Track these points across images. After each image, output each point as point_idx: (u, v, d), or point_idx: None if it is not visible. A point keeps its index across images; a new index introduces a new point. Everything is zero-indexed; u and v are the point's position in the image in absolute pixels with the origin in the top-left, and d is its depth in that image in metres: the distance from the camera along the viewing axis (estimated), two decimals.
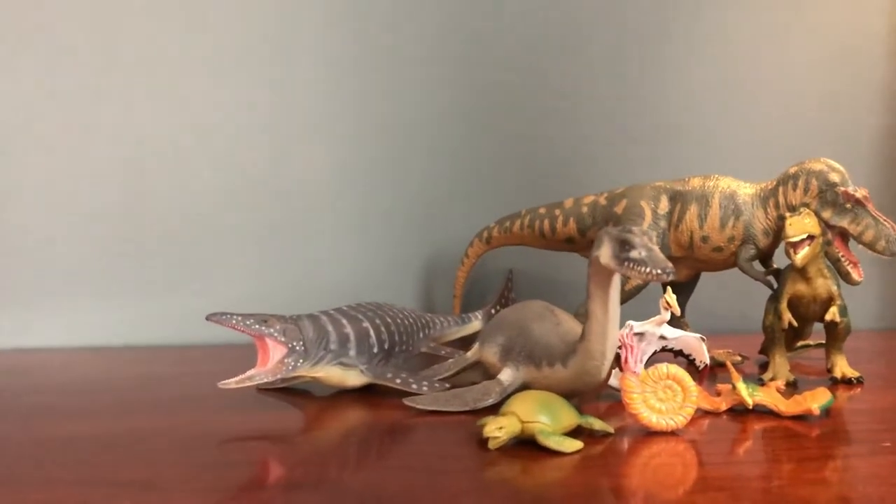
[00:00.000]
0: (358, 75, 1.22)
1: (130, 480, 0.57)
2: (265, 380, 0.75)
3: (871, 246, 0.85)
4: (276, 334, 0.76)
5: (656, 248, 0.65)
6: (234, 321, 0.75)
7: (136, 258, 1.17)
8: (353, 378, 0.82)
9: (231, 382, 0.74)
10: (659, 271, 0.63)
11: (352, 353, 0.81)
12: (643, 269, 0.64)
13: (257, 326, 0.76)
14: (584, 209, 1.04)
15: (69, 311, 1.15)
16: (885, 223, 0.85)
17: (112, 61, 1.16)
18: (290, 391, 0.85)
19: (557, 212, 1.06)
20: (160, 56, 1.17)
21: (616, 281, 0.69)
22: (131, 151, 1.17)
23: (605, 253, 0.67)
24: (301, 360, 0.77)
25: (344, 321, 0.83)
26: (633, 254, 0.65)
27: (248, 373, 0.75)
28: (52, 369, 1.00)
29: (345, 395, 0.83)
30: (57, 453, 0.64)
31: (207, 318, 0.75)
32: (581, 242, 1.05)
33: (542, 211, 1.08)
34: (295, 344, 0.77)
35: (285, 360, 0.76)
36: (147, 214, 1.17)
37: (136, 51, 1.16)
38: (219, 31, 1.18)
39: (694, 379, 0.71)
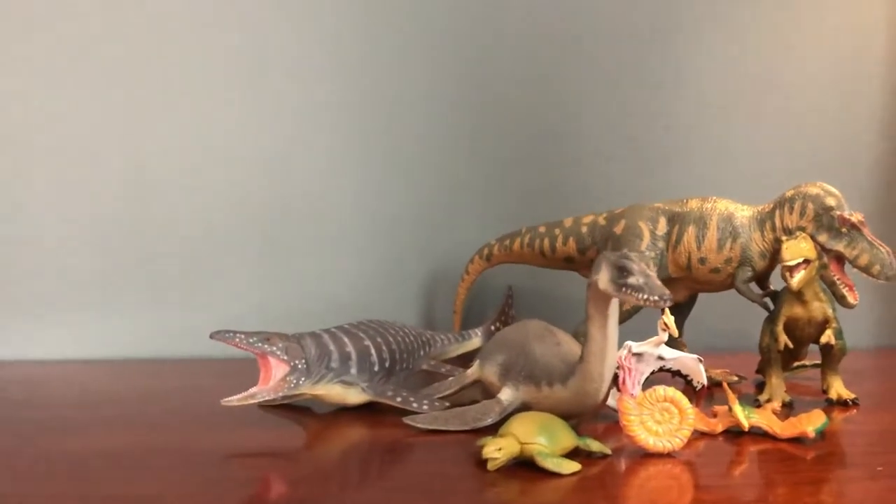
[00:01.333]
0: (359, 91, 1.23)
1: (135, 496, 0.58)
2: (267, 397, 0.76)
3: (866, 270, 0.86)
4: (278, 352, 0.77)
5: (654, 275, 0.66)
6: (237, 339, 0.76)
7: (138, 271, 1.18)
8: (354, 396, 0.83)
9: (234, 400, 0.75)
10: (657, 298, 0.65)
11: (353, 371, 0.82)
12: (641, 295, 0.65)
13: (260, 344, 0.77)
14: (584, 229, 1.05)
15: (72, 323, 1.16)
16: (881, 248, 0.85)
17: (118, 75, 1.17)
18: (291, 408, 0.86)
19: (557, 231, 1.07)
20: (165, 70, 1.18)
21: (615, 304, 0.70)
22: (133, 164, 1.18)
23: (603, 278, 0.68)
24: (303, 379, 0.78)
25: (345, 339, 0.84)
26: (631, 280, 0.66)
27: (251, 390, 0.76)
28: (55, 382, 1.00)
29: (345, 412, 0.84)
30: (60, 468, 0.65)
31: (211, 337, 0.76)
32: (580, 261, 1.06)
33: (542, 230, 1.09)
34: (297, 362, 0.78)
35: (287, 378, 0.77)
36: (148, 227, 1.18)
37: (141, 65, 1.17)
38: (220, 43, 1.19)
39: (691, 399, 0.72)
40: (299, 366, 0.78)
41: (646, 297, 0.65)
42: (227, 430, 0.76)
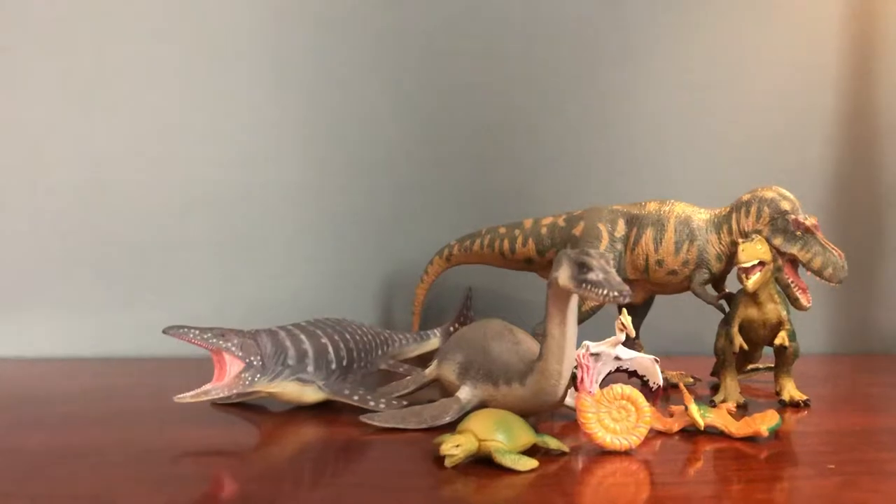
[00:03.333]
0: (319, 92, 1.22)
1: (84, 494, 0.57)
2: (222, 394, 0.75)
3: (819, 273, 0.88)
4: (233, 349, 0.76)
5: (613, 271, 0.67)
6: (191, 335, 0.74)
7: (93, 269, 1.16)
8: (311, 394, 0.82)
9: (187, 396, 0.73)
10: (616, 293, 0.65)
11: (310, 368, 0.81)
12: (600, 290, 0.65)
13: (214, 340, 0.75)
14: (543, 230, 1.05)
15: (23, 321, 1.14)
16: (833, 251, 0.87)
17: (71, 73, 1.15)
18: (245, 406, 0.85)
19: (517, 232, 1.07)
20: (121, 70, 1.16)
21: (574, 302, 0.70)
22: (88, 164, 1.16)
23: (563, 275, 0.68)
24: (258, 376, 0.77)
25: (302, 337, 0.82)
26: (591, 276, 0.66)
27: (205, 387, 0.74)
28: (5, 380, 0.98)
29: (301, 410, 0.83)
30: (10, 466, 0.63)
31: (164, 332, 0.74)
32: (540, 262, 1.06)
33: (502, 230, 1.09)
34: (252, 359, 0.77)
35: (242, 375, 0.76)
36: (104, 226, 1.16)
37: (96, 64, 1.15)
38: (178, 46, 1.18)
39: (647, 400, 0.73)
40: (254, 363, 0.77)
41: (605, 292, 0.65)
42: (180, 428, 0.75)
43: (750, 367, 1.03)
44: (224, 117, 1.20)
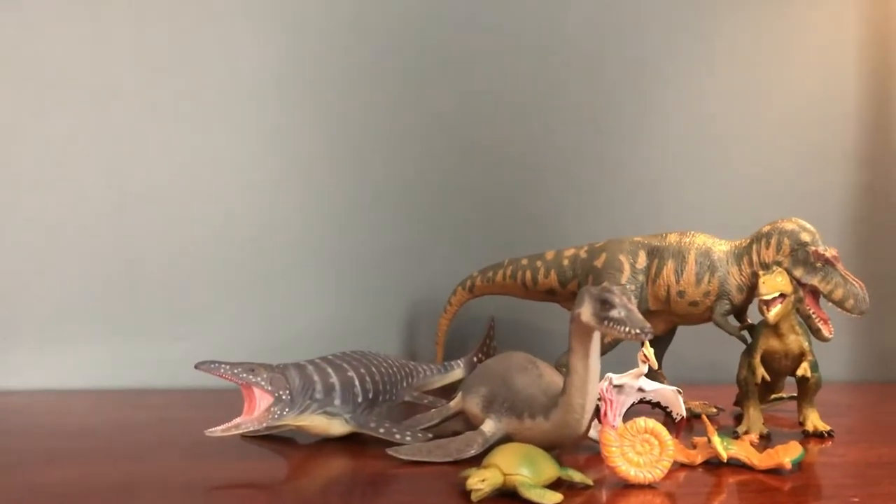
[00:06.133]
0: (339, 123, 1.25)
1: None
2: (251, 428, 0.77)
3: (840, 304, 0.88)
4: (263, 383, 0.77)
5: (635, 308, 0.68)
6: (222, 370, 0.76)
7: (121, 301, 1.18)
8: (337, 427, 0.83)
9: (217, 430, 0.75)
10: (638, 331, 0.66)
11: (337, 402, 0.83)
12: (622, 328, 0.67)
13: (245, 375, 0.77)
14: (565, 261, 1.06)
15: (53, 352, 1.15)
16: (854, 282, 0.88)
17: (102, 107, 1.18)
18: (273, 439, 0.86)
19: (539, 263, 1.08)
20: (149, 104, 1.19)
21: (596, 337, 0.71)
22: (115, 196, 1.18)
23: (586, 311, 0.69)
24: (287, 409, 0.78)
25: (329, 370, 0.84)
26: (613, 313, 0.67)
27: (235, 421, 0.76)
28: (35, 413, 1.00)
29: (328, 443, 0.84)
30: (41, 500, 0.64)
31: (196, 367, 0.76)
32: (562, 294, 1.07)
33: (524, 262, 1.10)
34: (281, 393, 0.78)
35: (271, 409, 0.77)
36: (132, 258, 1.19)
37: (125, 100, 1.19)
38: (205, 80, 1.21)
39: (671, 431, 0.73)
40: (283, 396, 0.78)
41: (627, 329, 0.66)
42: (210, 461, 0.76)
43: (773, 396, 1.03)
44: (248, 153, 1.22)
